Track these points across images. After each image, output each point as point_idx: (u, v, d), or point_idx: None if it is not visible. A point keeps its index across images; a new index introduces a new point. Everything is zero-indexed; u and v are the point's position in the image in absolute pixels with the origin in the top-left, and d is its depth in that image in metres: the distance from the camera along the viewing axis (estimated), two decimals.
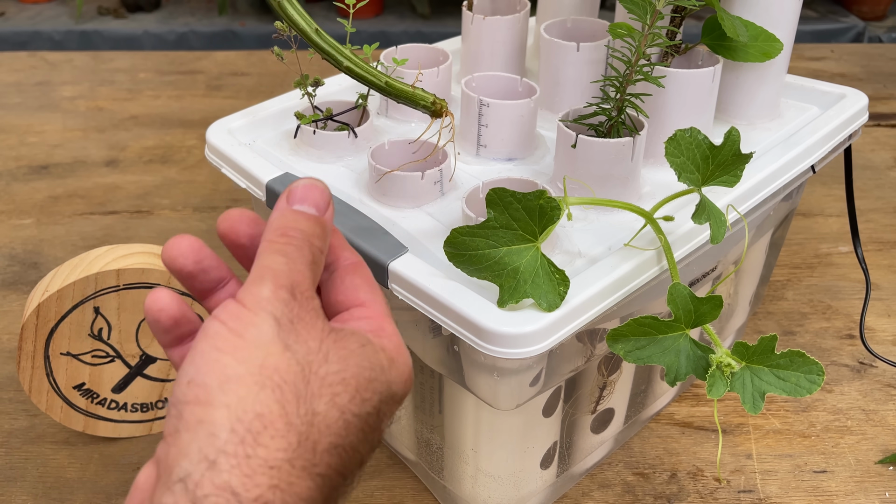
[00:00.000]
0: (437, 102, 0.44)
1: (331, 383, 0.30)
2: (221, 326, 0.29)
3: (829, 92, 0.62)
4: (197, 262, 0.34)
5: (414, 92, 0.44)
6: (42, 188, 0.93)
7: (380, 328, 0.34)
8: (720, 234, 0.44)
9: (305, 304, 0.31)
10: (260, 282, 0.30)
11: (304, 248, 0.32)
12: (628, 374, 0.55)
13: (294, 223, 0.33)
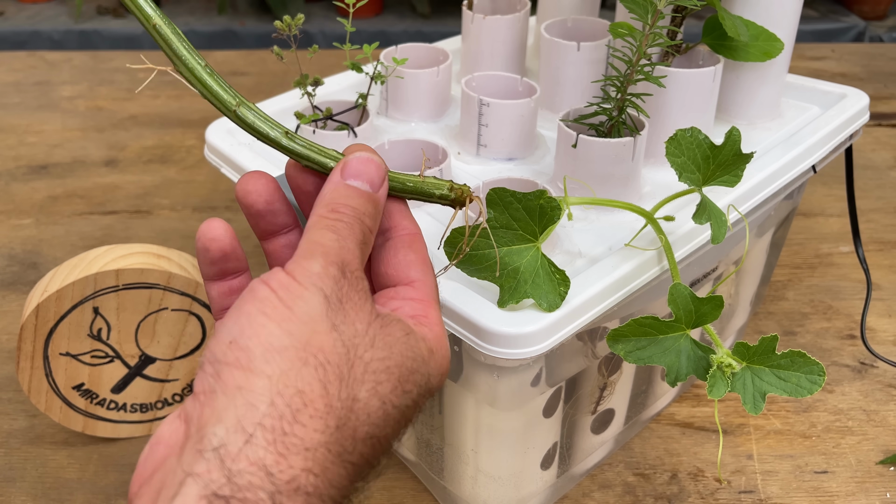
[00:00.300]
0: (455, 189, 0.36)
1: (374, 370, 0.29)
2: (271, 294, 0.28)
3: (830, 92, 0.61)
4: (269, 202, 0.34)
5: (423, 182, 0.36)
6: (41, 188, 0.93)
7: (424, 314, 0.33)
8: (721, 235, 0.44)
9: (355, 284, 0.30)
10: (310, 256, 0.30)
11: (355, 226, 0.31)
12: (629, 374, 0.55)
13: (346, 199, 0.32)
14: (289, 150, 0.34)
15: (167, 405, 0.60)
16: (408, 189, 0.35)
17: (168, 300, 0.56)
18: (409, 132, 0.59)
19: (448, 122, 0.60)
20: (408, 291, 0.34)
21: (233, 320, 0.28)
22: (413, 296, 0.33)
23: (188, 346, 0.58)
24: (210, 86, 0.33)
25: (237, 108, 0.33)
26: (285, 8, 2.00)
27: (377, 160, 0.33)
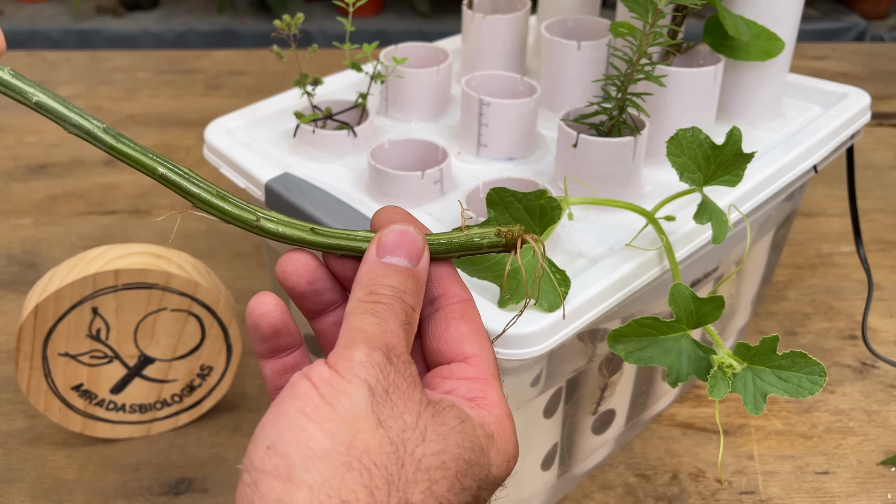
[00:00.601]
0: (503, 233, 0.33)
1: (428, 468, 0.26)
2: (312, 390, 0.26)
3: (831, 91, 0.61)
4: (311, 282, 0.33)
5: (468, 236, 0.33)
6: (40, 188, 0.93)
7: (482, 395, 0.30)
8: (722, 235, 0.44)
9: (402, 370, 0.28)
10: (352, 345, 0.28)
11: (397, 307, 0.29)
12: (629, 374, 0.55)
13: (384, 279, 0.30)
14: (318, 245, 0.33)
15: (166, 405, 0.60)
16: (454, 248, 0.33)
17: (167, 300, 0.56)
18: (409, 132, 0.59)
19: (448, 121, 0.60)
20: (463, 369, 0.31)
21: (271, 422, 0.26)
22: (469, 374, 0.31)
23: (187, 346, 0.58)
24: (228, 210, 0.33)
25: (258, 222, 0.33)
26: (285, 7, 2.00)
27: (412, 232, 0.31)
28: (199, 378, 0.60)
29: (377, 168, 0.50)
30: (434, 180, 0.50)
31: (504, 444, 0.30)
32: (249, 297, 0.74)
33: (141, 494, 0.56)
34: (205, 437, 0.61)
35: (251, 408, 0.63)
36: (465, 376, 0.31)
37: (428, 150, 0.53)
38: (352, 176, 0.53)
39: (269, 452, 0.26)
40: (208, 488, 0.57)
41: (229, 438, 0.61)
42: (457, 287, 0.33)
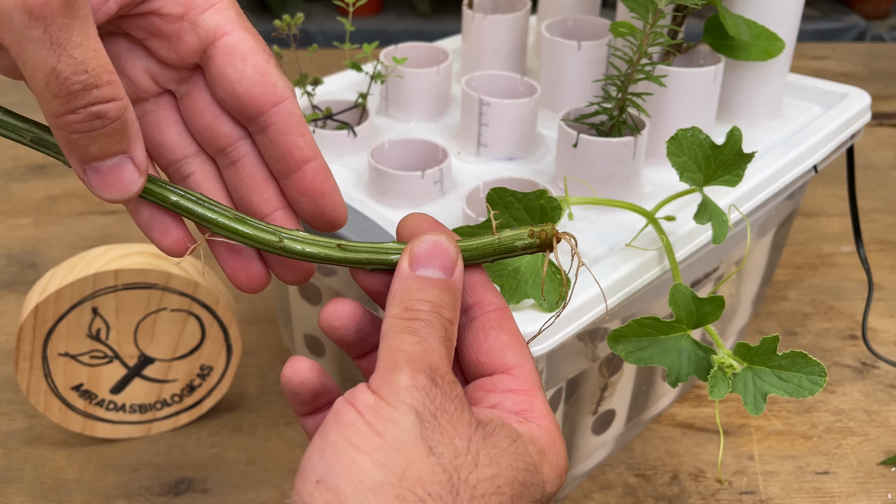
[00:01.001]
0: (535, 234, 0.32)
1: (483, 494, 0.25)
2: (358, 417, 0.25)
3: (832, 91, 0.61)
4: (359, 331, 0.32)
5: (500, 241, 0.32)
6: (40, 188, 0.93)
7: (529, 407, 0.29)
8: (722, 235, 0.44)
9: (448, 392, 0.27)
10: (394, 368, 0.26)
11: (435, 323, 0.28)
12: (629, 374, 0.55)
13: (419, 293, 0.29)
14: (346, 261, 0.32)
15: (166, 405, 0.60)
16: (487, 253, 0.32)
17: (167, 300, 0.56)
18: (409, 132, 0.59)
19: (448, 121, 0.60)
20: (506, 381, 0.30)
21: (318, 453, 0.25)
22: (513, 386, 0.30)
23: (187, 346, 0.58)
24: (248, 234, 0.31)
25: (282, 243, 0.31)
26: (285, 7, 2.00)
27: (445, 242, 0.30)
28: (199, 378, 0.60)
29: (377, 168, 0.49)
30: (434, 180, 0.50)
31: (556, 457, 0.29)
32: (249, 297, 0.75)
33: (141, 494, 0.56)
34: (205, 437, 0.61)
35: (251, 408, 0.63)
36: (510, 388, 0.30)
37: (428, 150, 0.53)
38: (352, 176, 0.53)
39: (319, 486, 0.25)
40: (208, 488, 0.57)
41: (229, 438, 0.61)
42: (491, 294, 0.32)
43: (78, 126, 0.27)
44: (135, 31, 0.30)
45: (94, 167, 0.28)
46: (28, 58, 0.25)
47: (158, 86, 0.32)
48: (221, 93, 0.31)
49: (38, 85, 0.26)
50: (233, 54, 0.30)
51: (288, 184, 0.32)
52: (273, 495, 0.56)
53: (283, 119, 0.31)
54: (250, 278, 0.33)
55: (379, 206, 0.50)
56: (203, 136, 0.32)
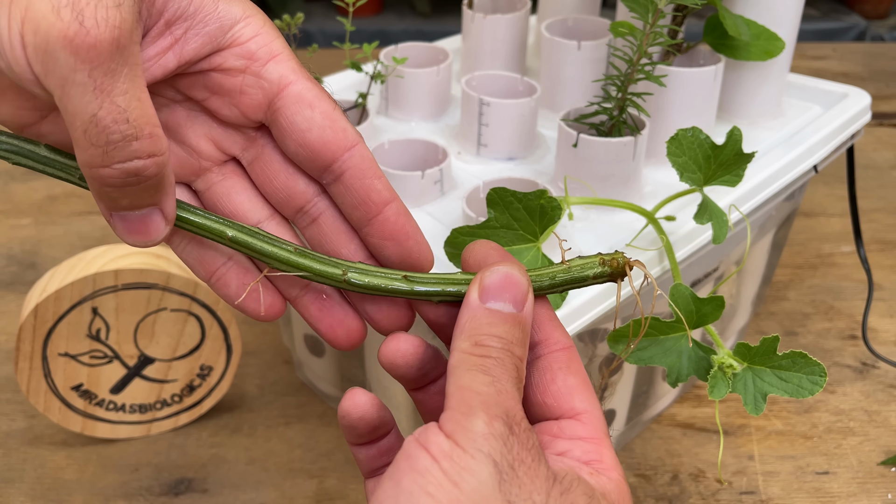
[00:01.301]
0: (608, 262, 0.31)
1: None
2: (433, 464, 0.24)
3: (832, 91, 0.61)
4: (421, 367, 0.31)
5: (570, 269, 0.31)
6: (40, 188, 0.93)
7: (598, 457, 0.28)
8: (722, 235, 0.44)
9: (525, 442, 0.25)
10: (469, 412, 0.25)
11: (507, 362, 0.27)
12: (629, 375, 0.55)
13: (490, 328, 0.27)
14: (413, 294, 0.31)
15: (166, 406, 0.60)
16: (558, 283, 0.31)
17: (167, 300, 0.56)
18: (409, 132, 0.59)
19: (448, 121, 0.60)
20: (574, 428, 0.28)
21: (391, 499, 0.24)
22: (582, 433, 0.28)
23: (187, 346, 0.58)
24: (312, 267, 0.30)
25: (345, 275, 0.30)
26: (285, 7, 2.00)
27: (517, 274, 0.29)
28: (198, 378, 0.60)
29: None
30: (434, 180, 0.50)
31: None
32: None
33: (141, 494, 0.56)
34: (205, 437, 0.61)
35: (251, 408, 0.63)
36: (578, 436, 0.28)
37: (428, 150, 0.53)
38: None
39: None
40: (208, 488, 0.57)
41: (229, 438, 0.61)
42: (559, 332, 0.30)
43: (112, 181, 0.26)
44: (195, 91, 0.30)
45: (122, 215, 0.28)
46: (69, 102, 0.25)
47: (222, 152, 0.32)
48: (292, 145, 0.30)
49: (76, 132, 0.25)
50: (300, 103, 0.29)
51: (370, 231, 0.31)
52: (273, 495, 0.56)
53: (357, 163, 0.30)
54: (348, 333, 0.32)
55: None
56: (279, 197, 0.32)
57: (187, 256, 0.32)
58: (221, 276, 0.32)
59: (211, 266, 0.32)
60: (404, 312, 0.32)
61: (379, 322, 0.32)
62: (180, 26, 0.28)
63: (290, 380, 0.66)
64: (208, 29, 0.28)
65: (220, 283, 0.32)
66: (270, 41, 0.29)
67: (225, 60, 0.29)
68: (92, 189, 0.27)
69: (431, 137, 0.54)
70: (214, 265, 0.32)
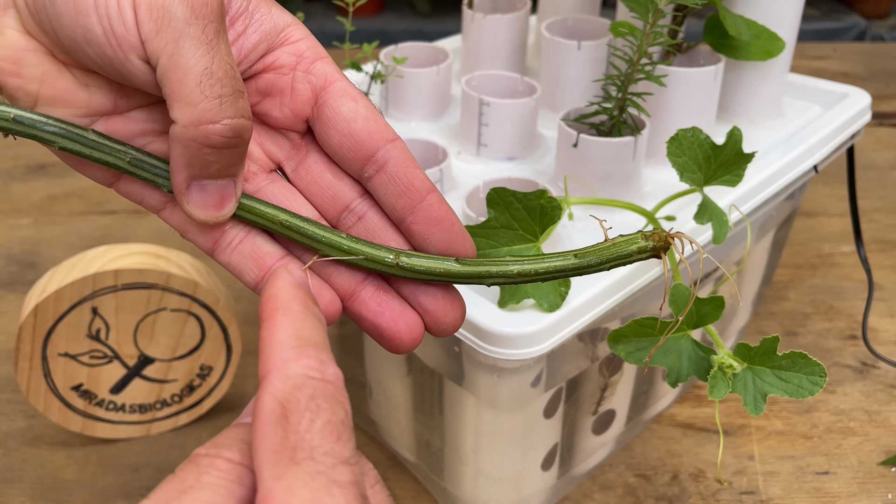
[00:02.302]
0: (649, 236, 0.31)
1: None
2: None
3: (832, 91, 0.61)
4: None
5: (614, 246, 0.31)
6: (40, 188, 0.92)
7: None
8: (722, 235, 0.44)
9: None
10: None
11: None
12: (629, 375, 0.55)
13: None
14: (467, 276, 0.31)
15: (166, 406, 0.60)
16: (605, 260, 0.31)
17: (167, 300, 0.56)
18: (409, 131, 0.59)
19: (448, 121, 0.60)
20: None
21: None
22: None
23: (187, 346, 0.58)
24: (364, 251, 0.30)
25: (398, 259, 0.30)
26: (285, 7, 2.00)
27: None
28: (198, 378, 0.60)
29: None
30: (434, 180, 0.50)
31: None
32: (249, 297, 0.75)
33: (141, 495, 0.56)
34: (205, 437, 0.61)
35: None
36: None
37: (428, 150, 0.53)
38: None
39: None
40: None
41: None
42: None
43: (216, 140, 0.27)
44: (249, 95, 0.31)
45: (203, 185, 0.29)
46: (182, 57, 0.25)
47: (269, 158, 0.32)
48: (336, 136, 0.31)
49: (187, 87, 0.26)
50: (345, 96, 0.31)
51: (415, 219, 0.31)
52: None
53: (400, 154, 0.31)
54: (410, 327, 0.31)
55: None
56: (325, 198, 0.32)
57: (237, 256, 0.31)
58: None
59: (267, 262, 0.31)
60: (459, 302, 0.32)
61: (434, 313, 0.32)
62: (241, 22, 0.30)
63: None
64: (265, 27, 0.30)
65: None
66: (316, 45, 0.32)
67: (278, 58, 0.31)
68: (185, 153, 0.27)
69: (431, 137, 0.54)
70: (271, 261, 0.31)
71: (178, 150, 0.27)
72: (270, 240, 0.32)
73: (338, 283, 0.32)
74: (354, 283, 0.32)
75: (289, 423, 0.22)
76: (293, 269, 0.27)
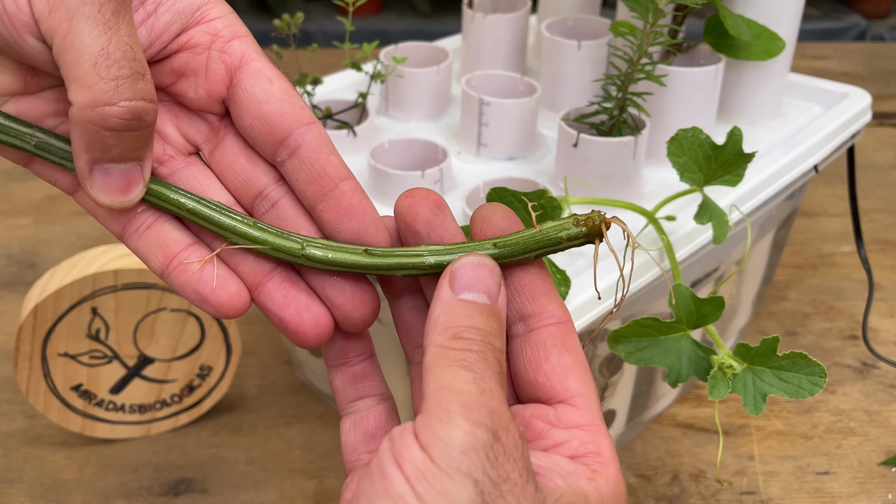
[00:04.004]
0: (581, 221, 0.29)
1: None
2: (406, 488, 0.22)
3: (832, 91, 0.61)
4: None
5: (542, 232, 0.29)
6: (39, 188, 0.92)
7: (596, 449, 0.26)
8: (722, 235, 0.44)
9: (512, 452, 0.23)
10: (447, 417, 0.23)
11: (489, 356, 0.25)
12: (630, 375, 0.55)
13: (467, 319, 0.25)
14: (375, 268, 0.29)
15: (165, 406, 0.60)
16: (529, 248, 0.28)
17: (167, 300, 0.56)
18: (409, 131, 0.59)
19: (448, 121, 0.60)
20: (571, 415, 0.26)
21: None
22: (578, 420, 0.26)
23: (187, 346, 0.58)
24: (269, 241, 0.29)
25: (304, 250, 0.29)
26: (284, 6, 2.00)
27: (489, 263, 0.27)
28: (198, 378, 0.60)
29: (377, 168, 0.49)
30: (434, 180, 0.50)
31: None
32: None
33: (140, 495, 0.56)
34: (204, 437, 0.61)
35: (251, 408, 0.63)
36: (575, 424, 0.26)
37: (428, 150, 0.53)
38: None
39: None
40: (208, 489, 0.57)
41: (229, 439, 0.61)
42: (555, 305, 0.28)
43: (115, 122, 0.26)
44: (162, 77, 0.30)
45: (106, 168, 0.28)
46: (76, 37, 0.24)
47: (186, 141, 0.32)
48: (248, 118, 0.30)
49: (83, 67, 0.25)
50: (259, 76, 0.30)
51: (325, 207, 0.30)
52: (272, 496, 0.56)
53: (315, 138, 0.30)
54: (316, 322, 0.30)
55: (379, 206, 0.50)
56: (239, 181, 0.31)
57: (144, 242, 0.30)
58: (181, 263, 0.30)
59: (173, 249, 0.30)
60: (369, 297, 0.31)
61: (342, 307, 0.30)
62: (152, 2, 0.29)
63: (290, 380, 0.66)
64: (179, 6, 0.29)
65: (179, 268, 0.30)
66: (235, 24, 0.30)
67: (192, 37, 0.30)
68: (84, 136, 0.26)
69: (431, 137, 0.54)
70: (176, 248, 0.30)
71: (77, 132, 0.26)
72: (180, 226, 0.30)
73: (245, 272, 0.30)
74: (262, 273, 0.30)
75: None
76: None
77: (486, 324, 0.26)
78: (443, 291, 0.27)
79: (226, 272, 0.30)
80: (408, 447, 0.23)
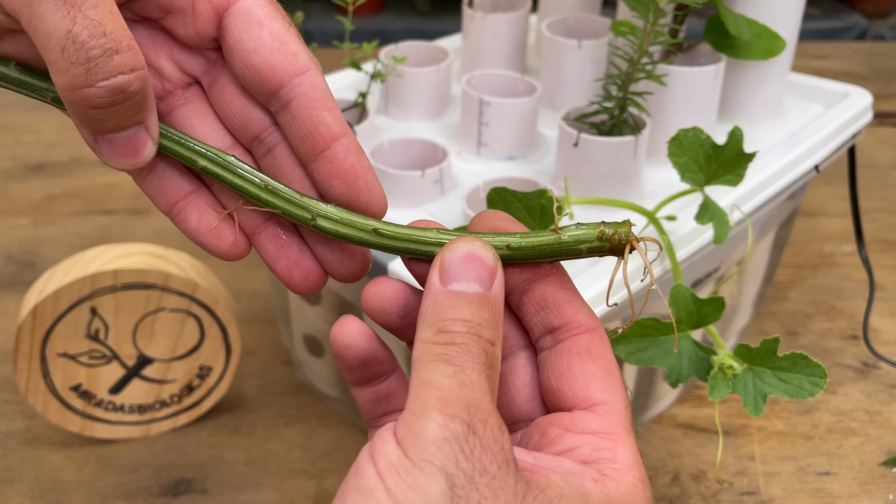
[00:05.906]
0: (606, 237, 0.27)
1: None
2: (377, 483, 0.21)
3: (833, 90, 0.61)
4: (403, 315, 0.28)
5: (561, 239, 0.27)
6: (38, 188, 0.92)
7: (611, 455, 0.25)
8: (723, 235, 0.44)
9: (490, 444, 0.22)
10: (422, 412, 0.22)
11: (473, 347, 0.24)
12: (630, 375, 0.55)
13: (453, 312, 0.24)
14: (381, 247, 0.29)
15: (165, 406, 0.60)
16: (545, 255, 0.27)
17: (166, 300, 0.55)
18: (409, 131, 0.59)
19: (448, 120, 0.60)
20: (588, 421, 0.26)
21: None
22: (596, 427, 0.25)
23: (186, 346, 0.58)
24: (280, 206, 0.29)
25: (314, 221, 0.29)
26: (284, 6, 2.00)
27: (481, 247, 0.26)
28: (198, 378, 0.60)
29: (377, 168, 0.49)
30: (434, 180, 0.50)
31: None
32: (248, 297, 0.74)
33: (140, 495, 0.56)
34: (204, 437, 0.61)
35: (250, 408, 0.63)
36: (591, 430, 0.25)
37: (428, 150, 0.53)
38: None
39: None
40: (207, 489, 0.57)
41: (228, 439, 0.61)
42: (581, 314, 0.27)
43: (98, 102, 0.25)
44: (149, 10, 0.28)
45: (108, 138, 0.27)
46: (40, 22, 0.23)
47: (185, 74, 0.30)
48: (238, 66, 0.28)
49: (52, 53, 0.24)
50: (248, 21, 0.28)
51: (317, 167, 0.29)
52: (272, 496, 0.56)
53: (307, 91, 0.28)
54: (305, 276, 0.30)
55: None
56: (235, 123, 0.30)
57: (147, 187, 0.30)
58: (182, 210, 0.30)
59: (173, 197, 0.30)
60: (358, 257, 0.30)
61: (331, 265, 0.30)
62: None
63: (290, 380, 0.66)
64: None
65: (181, 216, 0.30)
66: None
67: None
68: (74, 114, 0.26)
69: (431, 137, 0.54)
70: (176, 196, 0.30)
71: (69, 110, 0.26)
72: (183, 170, 0.30)
73: (242, 220, 0.30)
74: (257, 223, 0.30)
75: None
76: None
77: (475, 314, 0.25)
78: (432, 283, 0.26)
79: (226, 224, 0.30)
80: (385, 443, 0.22)
